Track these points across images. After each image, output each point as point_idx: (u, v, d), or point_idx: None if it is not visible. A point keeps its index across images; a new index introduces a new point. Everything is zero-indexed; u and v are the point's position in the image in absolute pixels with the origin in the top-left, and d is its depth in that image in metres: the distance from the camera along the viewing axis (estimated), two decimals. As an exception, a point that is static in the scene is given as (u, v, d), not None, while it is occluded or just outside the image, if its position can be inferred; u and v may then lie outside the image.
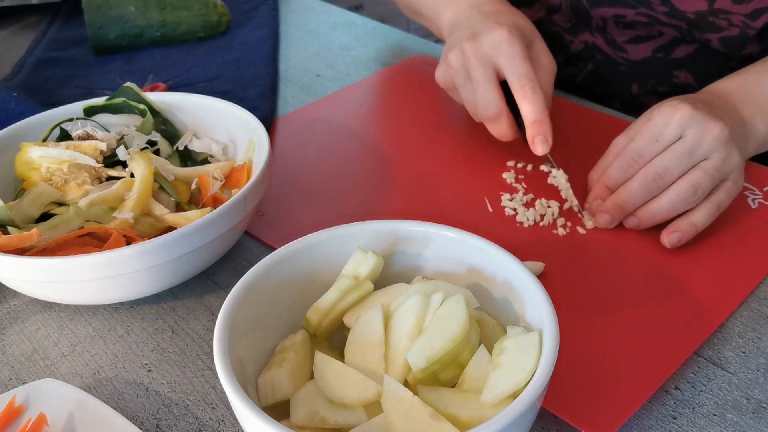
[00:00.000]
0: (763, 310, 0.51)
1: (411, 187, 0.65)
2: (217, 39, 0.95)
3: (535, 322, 0.41)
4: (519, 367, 0.37)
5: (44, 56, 0.92)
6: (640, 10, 0.71)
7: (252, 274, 0.43)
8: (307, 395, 0.40)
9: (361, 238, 0.46)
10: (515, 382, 0.37)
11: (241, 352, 0.40)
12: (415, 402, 0.37)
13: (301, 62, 0.89)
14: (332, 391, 0.39)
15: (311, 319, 0.43)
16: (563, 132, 0.69)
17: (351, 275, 0.44)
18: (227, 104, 0.64)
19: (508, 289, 0.43)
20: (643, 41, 0.74)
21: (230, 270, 0.58)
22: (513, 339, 0.39)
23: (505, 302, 0.44)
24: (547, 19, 0.79)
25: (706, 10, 0.68)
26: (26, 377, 0.50)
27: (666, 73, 0.76)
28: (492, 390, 0.37)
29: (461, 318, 0.39)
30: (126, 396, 0.48)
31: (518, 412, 0.34)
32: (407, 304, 0.41)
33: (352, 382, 0.39)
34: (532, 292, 0.41)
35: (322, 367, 0.40)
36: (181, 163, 0.63)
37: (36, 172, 0.58)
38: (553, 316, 0.39)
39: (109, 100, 0.65)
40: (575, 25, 0.77)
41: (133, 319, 0.54)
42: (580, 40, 0.77)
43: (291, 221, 0.62)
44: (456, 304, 0.40)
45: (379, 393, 0.38)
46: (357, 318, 0.42)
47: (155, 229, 0.56)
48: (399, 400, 0.37)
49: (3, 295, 0.57)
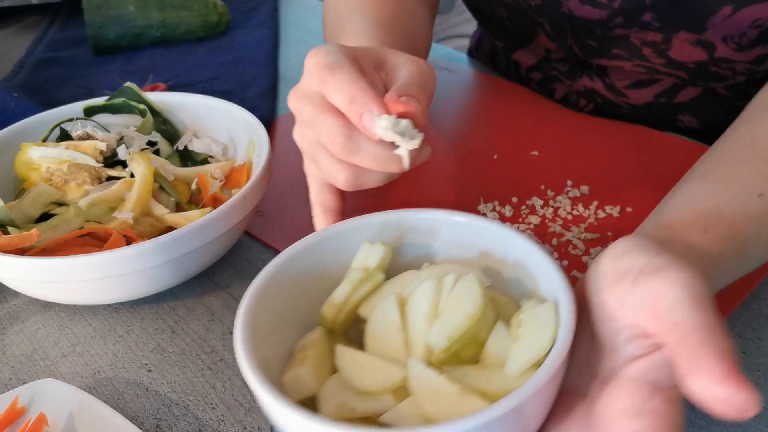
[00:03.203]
0: (763, 310, 0.51)
1: (411, 186, 0.65)
2: (217, 39, 0.95)
3: (549, 295, 0.41)
4: (539, 336, 0.38)
5: (44, 56, 0.92)
6: (637, 63, 0.67)
7: (264, 275, 0.42)
8: (333, 388, 0.40)
9: (369, 230, 0.46)
10: (537, 351, 0.37)
11: (264, 353, 0.41)
12: (442, 381, 0.37)
13: (301, 62, 0.89)
14: (358, 381, 0.39)
15: (326, 314, 0.43)
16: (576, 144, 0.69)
17: (361, 267, 0.44)
18: (227, 104, 0.64)
19: (519, 268, 0.44)
20: (644, 86, 0.70)
21: (230, 270, 0.58)
22: (529, 311, 0.40)
23: (518, 282, 0.44)
24: (546, 61, 0.76)
25: (707, 60, 0.63)
26: (26, 377, 0.50)
27: (669, 116, 0.72)
28: (515, 361, 0.38)
29: (476, 296, 0.40)
30: (126, 396, 0.48)
31: (545, 377, 0.34)
32: (421, 288, 0.41)
33: (377, 370, 0.39)
34: (544, 266, 0.41)
35: (345, 360, 0.40)
36: (181, 163, 0.63)
37: (36, 172, 0.58)
38: (566, 285, 0.39)
39: (109, 100, 0.65)
40: (572, 70, 0.74)
41: (133, 319, 0.54)
42: (579, 84, 0.74)
43: (291, 221, 0.62)
44: (469, 283, 0.40)
45: (404, 377, 0.38)
46: (373, 308, 0.42)
47: (155, 229, 0.56)
48: (426, 381, 0.38)
49: (3, 295, 0.57)
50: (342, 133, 0.43)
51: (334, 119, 0.44)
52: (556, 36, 0.70)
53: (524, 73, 0.79)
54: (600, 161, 0.65)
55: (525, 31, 0.74)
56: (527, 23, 0.71)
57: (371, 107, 0.42)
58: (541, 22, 0.69)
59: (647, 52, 0.65)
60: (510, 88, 0.79)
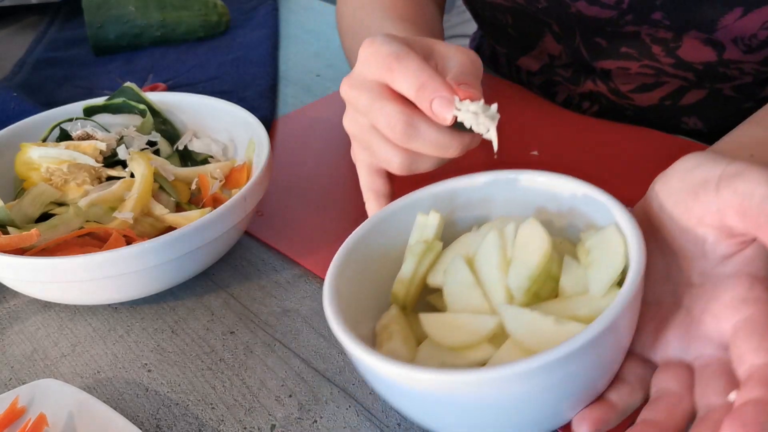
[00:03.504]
0: (763, 310, 0.51)
1: (411, 186, 0.65)
2: (217, 39, 0.95)
3: (607, 223, 0.43)
4: (611, 256, 0.40)
5: (44, 56, 0.92)
6: (645, 63, 0.67)
7: (336, 265, 0.43)
8: (428, 353, 0.41)
9: (421, 205, 0.47)
10: (615, 269, 0.39)
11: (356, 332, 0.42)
12: (536, 315, 0.39)
13: (301, 62, 0.89)
14: (452, 339, 0.40)
15: (398, 292, 0.45)
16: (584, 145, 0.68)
17: (421, 240, 0.46)
18: (227, 104, 0.64)
19: (572, 214, 0.45)
20: (649, 90, 0.70)
21: (230, 270, 0.58)
22: (592, 239, 0.42)
23: (572, 227, 0.46)
24: (549, 67, 0.76)
25: (716, 61, 0.64)
26: (26, 377, 0.50)
27: (674, 119, 0.72)
28: (597, 283, 0.39)
29: (542, 234, 0.42)
30: (126, 396, 0.48)
31: (634, 289, 0.36)
32: (486, 242, 0.43)
33: (469, 324, 0.41)
34: (598, 199, 0.43)
35: (432, 324, 0.42)
36: (181, 163, 0.63)
37: (36, 172, 0.58)
38: (623, 208, 0.41)
39: (109, 100, 0.65)
40: (576, 75, 0.74)
41: (133, 319, 0.54)
42: (583, 89, 0.73)
43: (291, 221, 0.62)
44: (531, 227, 0.42)
45: (497, 324, 0.40)
46: (443, 273, 0.44)
47: (155, 229, 0.56)
48: (521, 320, 0.39)
49: (3, 295, 0.57)
50: (402, 120, 0.44)
51: (394, 106, 0.45)
52: (564, 36, 0.70)
53: (525, 77, 0.79)
54: (602, 162, 0.65)
55: (530, 36, 0.74)
56: (533, 25, 0.71)
57: (441, 93, 0.43)
58: (549, 23, 0.69)
59: (657, 50, 0.65)
60: (511, 89, 0.79)
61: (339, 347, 0.50)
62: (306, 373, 0.48)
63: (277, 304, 0.54)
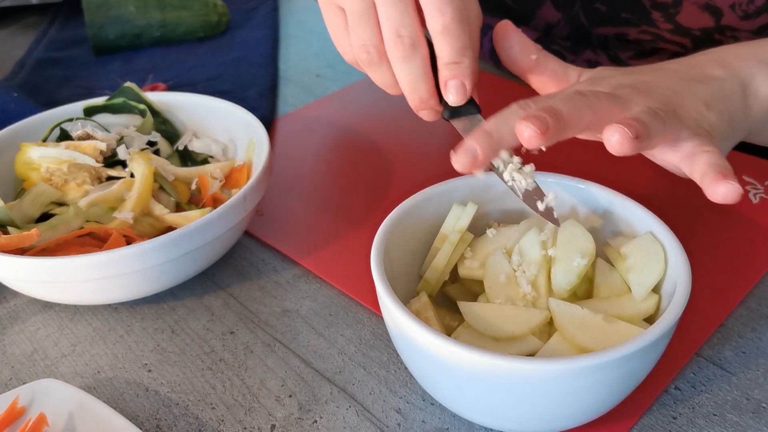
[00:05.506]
0: (763, 309, 0.51)
1: (411, 187, 0.65)
2: (217, 39, 0.95)
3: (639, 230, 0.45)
4: (652, 262, 0.42)
5: (44, 56, 0.92)
6: (643, 28, 0.68)
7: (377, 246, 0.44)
8: (469, 341, 0.41)
9: (458, 193, 0.49)
10: (656, 275, 0.42)
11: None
12: (586, 313, 0.41)
13: (301, 62, 0.89)
14: (499, 329, 0.41)
15: (431, 278, 0.46)
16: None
17: (457, 230, 0.47)
18: (227, 104, 0.64)
19: (604, 219, 0.47)
20: (647, 56, 0.72)
21: (230, 270, 0.58)
22: (631, 244, 0.44)
23: (597, 233, 0.47)
24: (547, 38, 0.77)
25: (713, 26, 0.65)
26: (26, 377, 0.50)
27: None
28: (639, 287, 0.42)
29: (585, 235, 0.44)
30: (126, 396, 0.48)
31: (685, 297, 0.39)
32: (527, 238, 0.45)
33: (516, 315, 0.42)
34: (631, 209, 0.45)
35: (475, 314, 0.42)
36: (181, 163, 0.63)
37: (36, 172, 0.58)
38: (657, 218, 0.44)
39: (109, 100, 0.65)
40: (575, 44, 0.75)
41: (133, 319, 0.54)
42: (582, 59, 0.75)
43: (291, 221, 0.62)
44: (573, 227, 0.44)
45: (545, 318, 0.41)
46: (485, 265, 0.45)
47: (155, 229, 0.56)
48: (572, 316, 0.41)
49: (3, 295, 0.57)
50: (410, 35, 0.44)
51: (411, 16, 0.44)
52: (564, 3, 0.70)
53: None
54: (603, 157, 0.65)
55: (528, 3, 0.74)
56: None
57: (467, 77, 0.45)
58: None
59: (656, 15, 0.66)
60: (510, 87, 0.79)
61: (339, 347, 0.50)
62: (306, 373, 0.48)
63: (277, 304, 0.54)
